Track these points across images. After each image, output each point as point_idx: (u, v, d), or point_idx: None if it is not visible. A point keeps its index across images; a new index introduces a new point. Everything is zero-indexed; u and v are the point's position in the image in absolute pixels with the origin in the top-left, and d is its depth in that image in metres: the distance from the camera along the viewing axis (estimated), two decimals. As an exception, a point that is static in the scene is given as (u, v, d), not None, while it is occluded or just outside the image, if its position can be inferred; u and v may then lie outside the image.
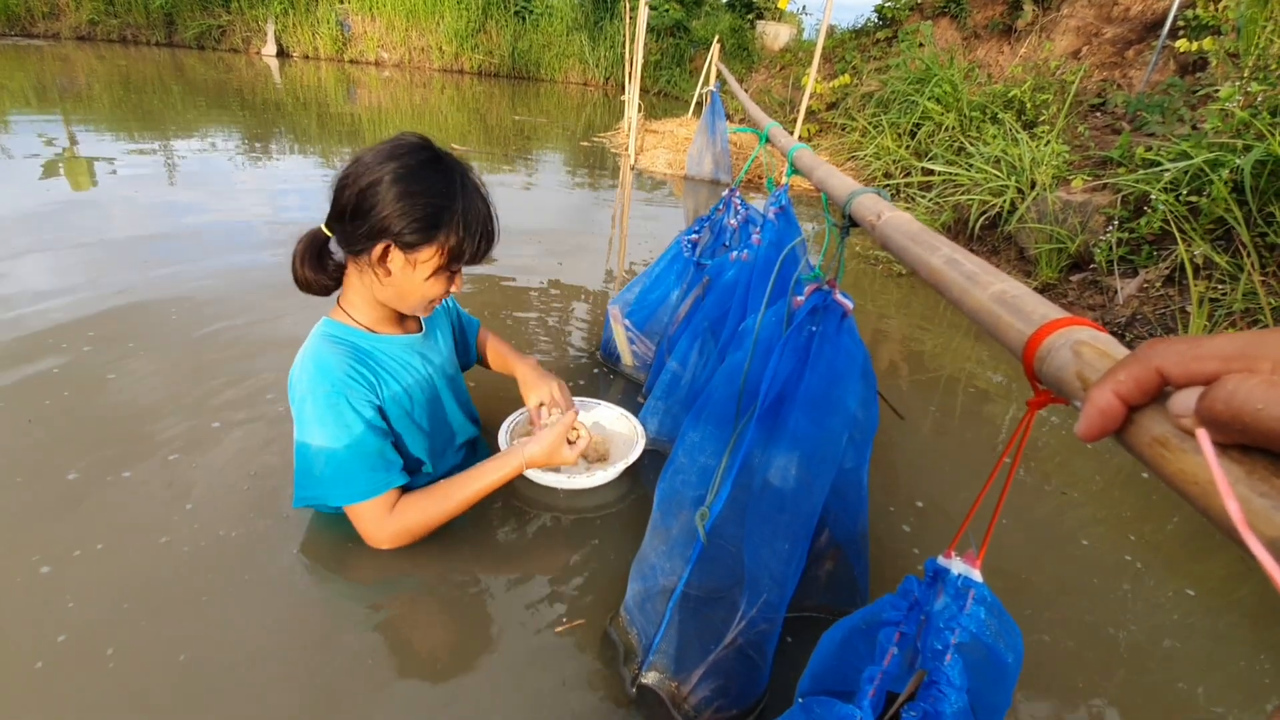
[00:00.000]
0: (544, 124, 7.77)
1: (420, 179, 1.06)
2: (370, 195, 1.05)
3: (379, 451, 1.15)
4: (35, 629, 1.07)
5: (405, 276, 1.12)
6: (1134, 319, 2.92)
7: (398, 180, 1.04)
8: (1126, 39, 5.71)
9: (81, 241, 2.70)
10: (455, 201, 1.09)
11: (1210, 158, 2.86)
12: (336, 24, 11.44)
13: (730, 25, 11.64)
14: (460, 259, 1.13)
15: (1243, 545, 0.25)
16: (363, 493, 1.14)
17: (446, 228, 1.08)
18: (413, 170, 1.06)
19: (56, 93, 6.18)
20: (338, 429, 1.11)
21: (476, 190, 1.13)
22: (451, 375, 1.41)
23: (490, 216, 1.15)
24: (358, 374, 1.15)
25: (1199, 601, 1.49)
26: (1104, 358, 0.41)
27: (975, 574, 0.64)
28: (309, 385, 1.12)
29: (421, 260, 1.10)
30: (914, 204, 4.56)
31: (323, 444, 1.11)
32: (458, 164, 1.13)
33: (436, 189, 1.07)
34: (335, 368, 1.13)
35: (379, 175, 1.05)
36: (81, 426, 1.57)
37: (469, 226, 1.10)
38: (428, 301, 1.18)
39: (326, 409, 1.11)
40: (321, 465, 1.12)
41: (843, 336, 0.96)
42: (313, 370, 1.12)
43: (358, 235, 1.08)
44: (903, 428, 2.04)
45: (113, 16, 10.60)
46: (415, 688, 1.06)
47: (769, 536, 0.95)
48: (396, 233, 1.06)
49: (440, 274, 1.13)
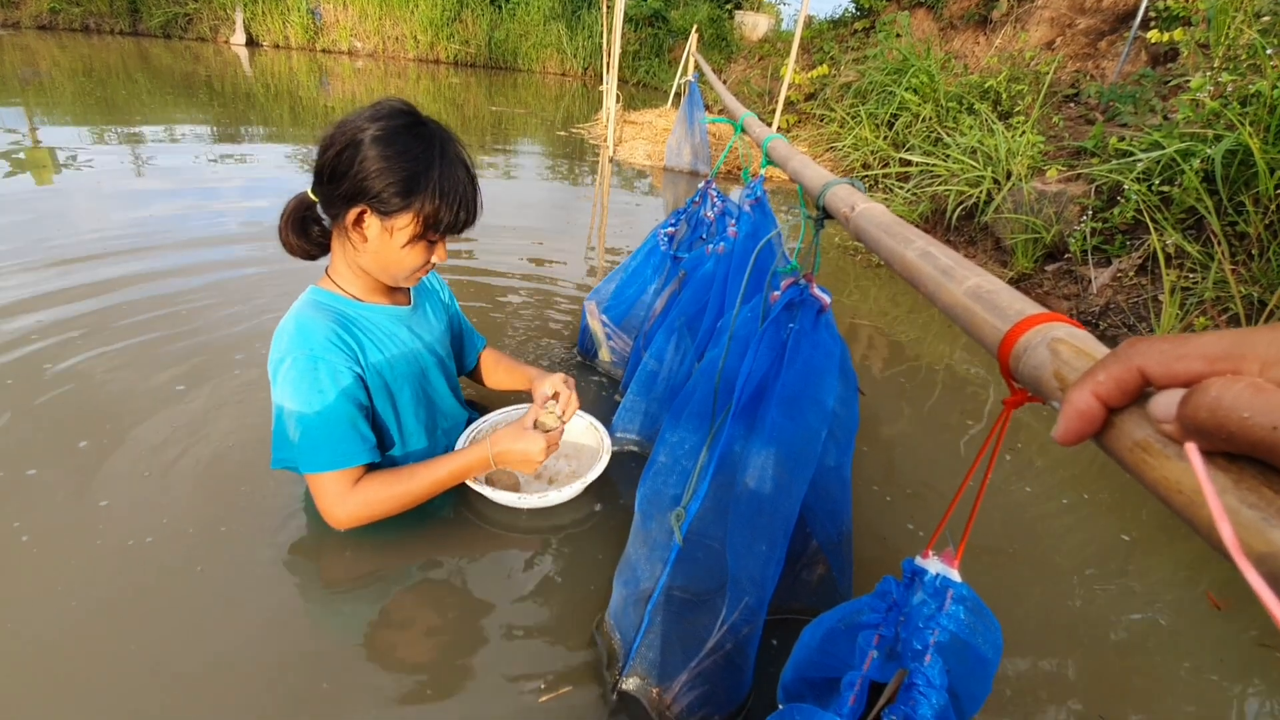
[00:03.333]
0: (522, 115, 7.68)
1: (398, 142, 1.04)
2: (348, 156, 1.03)
3: (350, 422, 1.12)
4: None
5: (382, 243, 1.10)
6: (1108, 308, 2.95)
7: (376, 142, 1.03)
8: (1099, 30, 5.76)
9: (45, 235, 2.61)
10: (433, 168, 1.06)
11: (1182, 148, 2.89)
12: (307, 12, 11.19)
13: (709, 15, 11.59)
14: (438, 228, 1.10)
15: (1233, 563, 0.23)
16: (327, 462, 1.11)
17: (423, 194, 1.06)
18: (392, 133, 1.04)
19: (17, 83, 5.98)
20: (311, 394, 1.09)
21: (458, 159, 1.11)
22: (441, 356, 1.38)
23: (471, 187, 1.13)
24: (340, 340, 1.13)
25: (1175, 593, 1.50)
26: (1082, 356, 0.39)
27: (953, 573, 0.63)
28: (288, 347, 1.10)
29: (398, 227, 1.08)
30: (892, 195, 4.57)
31: (295, 408, 1.09)
32: (440, 131, 1.10)
33: (414, 153, 1.05)
34: (317, 332, 1.11)
35: (359, 137, 1.03)
36: (49, 424, 1.52)
37: (446, 194, 1.08)
38: (409, 271, 1.16)
39: (303, 373, 1.09)
40: (293, 429, 1.10)
41: (820, 332, 0.94)
42: (293, 333, 1.11)
43: (336, 198, 1.07)
44: (886, 418, 2.05)
45: (75, 4, 10.27)
46: (395, 694, 1.04)
47: (748, 537, 0.94)
48: (373, 196, 1.04)
49: (417, 243, 1.11)
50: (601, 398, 1.93)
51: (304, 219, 1.17)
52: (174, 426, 1.57)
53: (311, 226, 1.19)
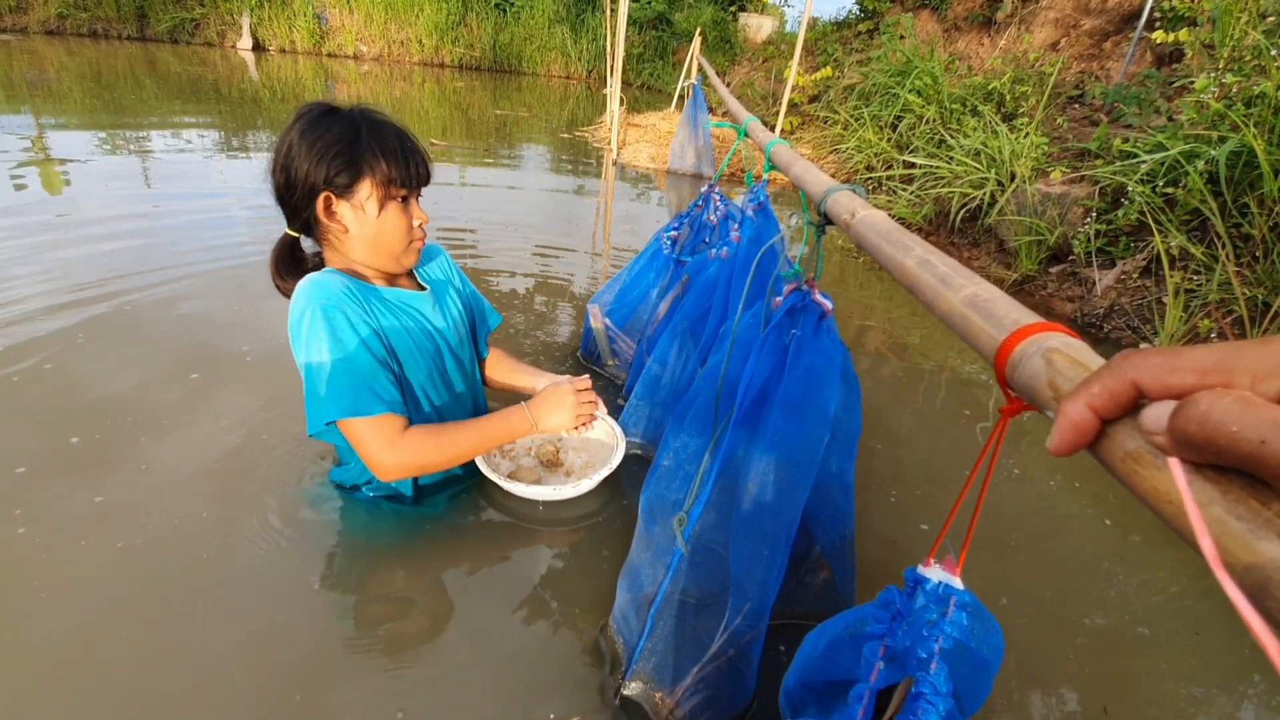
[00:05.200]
0: (526, 118, 7.70)
1: (320, 126, 1.12)
2: (289, 160, 1.11)
3: (371, 370, 1.14)
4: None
5: (360, 222, 1.15)
6: (1112, 310, 2.95)
7: (303, 136, 1.11)
8: (1104, 31, 5.75)
9: (56, 239, 2.64)
10: (360, 133, 1.13)
11: (1186, 149, 2.88)
12: (313, 17, 11.25)
13: (713, 18, 11.60)
14: (396, 182, 1.15)
15: (1216, 576, 0.24)
16: (351, 407, 1.11)
17: (367, 156, 1.12)
18: (312, 122, 1.12)
19: (25, 88, 6.03)
20: (333, 343, 1.11)
21: (378, 119, 1.17)
22: (455, 344, 1.39)
23: (404, 135, 1.18)
24: (353, 297, 1.16)
25: (1177, 588, 1.50)
26: (1076, 366, 0.40)
27: (956, 581, 0.63)
28: (306, 302, 1.12)
29: (363, 199, 1.14)
30: (895, 197, 4.57)
31: (320, 359, 1.11)
32: (356, 107, 1.18)
33: (339, 128, 1.12)
34: (331, 286, 1.14)
35: (288, 140, 1.12)
36: (44, 420, 1.53)
37: (387, 150, 1.14)
38: (402, 241, 1.20)
39: (324, 323, 1.11)
40: (320, 382, 1.12)
41: (822, 337, 0.94)
42: (309, 290, 1.13)
43: (299, 204, 1.13)
44: (892, 420, 2.04)
45: (82, 10, 10.36)
46: (398, 695, 1.04)
47: (751, 542, 0.94)
48: (326, 181, 1.11)
49: (389, 205, 1.16)
50: (605, 401, 1.93)
51: (292, 257, 1.23)
52: (176, 425, 1.59)
53: (302, 258, 1.25)
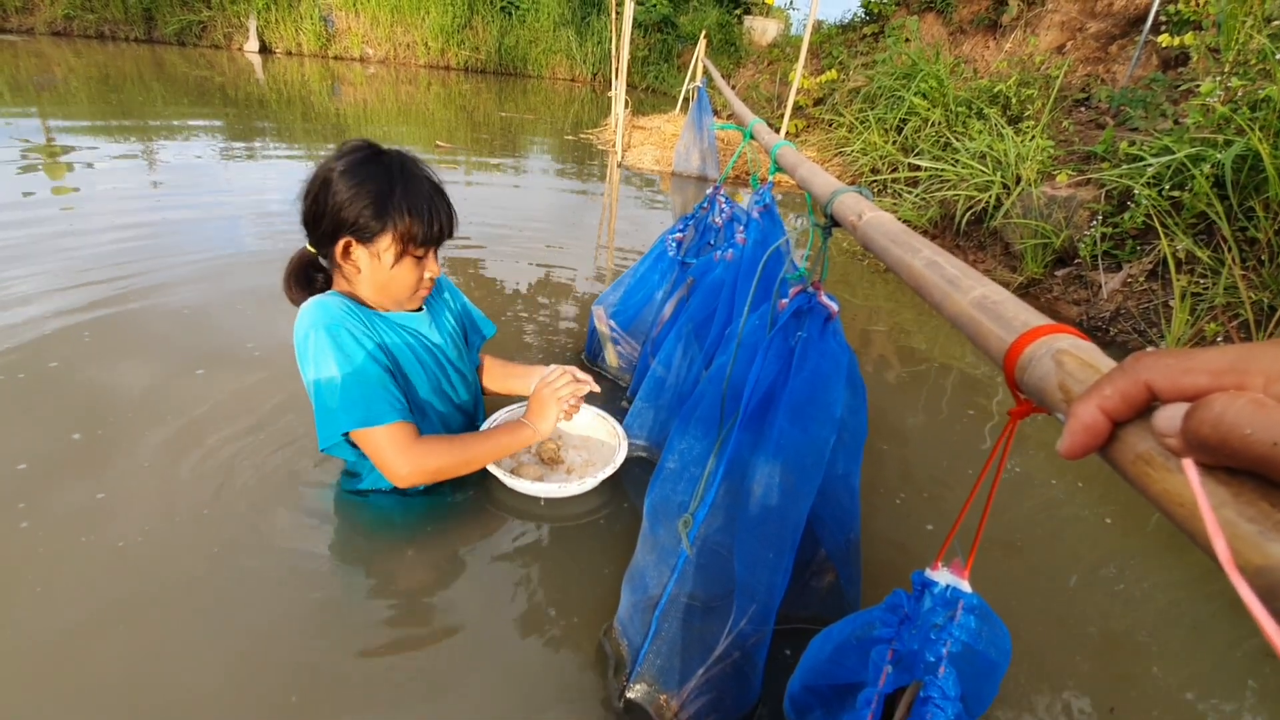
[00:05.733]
0: (531, 120, 7.72)
1: (360, 172, 1.13)
2: (323, 195, 1.13)
3: (380, 382, 1.17)
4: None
5: (374, 269, 1.18)
6: (1118, 313, 2.94)
7: (342, 176, 1.13)
8: (1110, 34, 5.74)
9: (62, 240, 2.65)
10: (396, 187, 1.14)
11: (1192, 152, 2.88)
12: (320, 19, 11.29)
13: (717, 20, 11.61)
14: (416, 242, 1.18)
15: (1230, 577, 0.24)
16: (363, 417, 1.15)
17: (394, 213, 1.14)
18: (354, 165, 1.14)
19: (32, 89, 6.07)
20: (340, 357, 1.14)
21: (416, 174, 1.19)
22: (455, 358, 1.42)
23: (438, 197, 1.20)
24: (355, 316, 1.19)
25: (1182, 591, 1.50)
26: (1086, 368, 0.39)
27: (964, 584, 0.63)
28: (310, 322, 1.16)
29: (382, 250, 1.16)
30: (900, 200, 4.57)
31: (329, 374, 1.14)
32: (399, 155, 1.19)
33: (376, 177, 1.14)
34: (333, 306, 1.17)
35: (328, 176, 1.14)
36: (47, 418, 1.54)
37: (415, 208, 1.15)
38: (408, 291, 1.23)
39: (328, 340, 1.14)
40: (330, 395, 1.15)
41: (828, 340, 0.94)
42: (314, 310, 1.17)
43: (322, 236, 1.16)
44: (899, 422, 2.04)
45: (89, 12, 10.41)
46: (401, 697, 1.04)
47: (756, 544, 0.94)
48: (350, 224, 1.13)
49: (405, 260, 1.18)
50: (610, 403, 1.94)
51: (307, 272, 1.27)
52: (180, 422, 1.59)
53: (315, 276, 1.28)
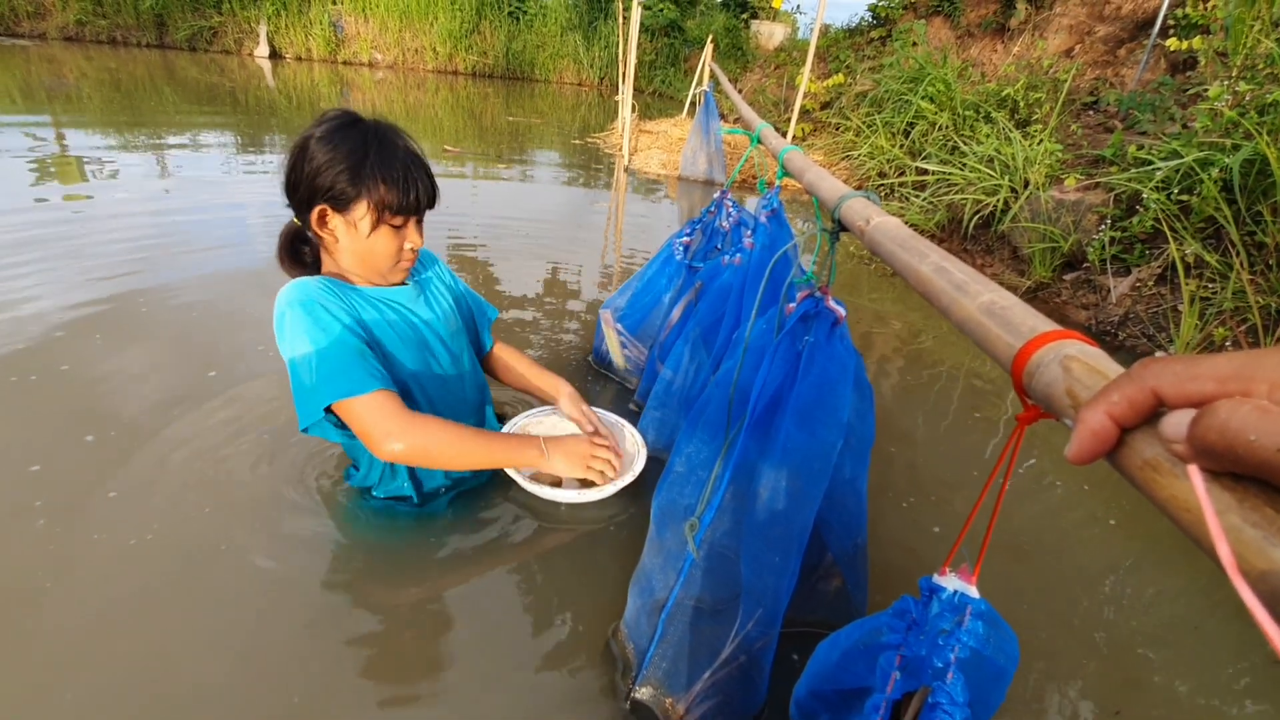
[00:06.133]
0: (538, 124, 7.74)
1: (335, 139, 1.12)
2: (300, 161, 1.13)
3: (358, 352, 1.14)
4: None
5: (351, 238, 1.17)
6: (1127, 318, 2.93)
7: (319, 141, 1.12)
8: (1118, 37, 5.72)
9: (74, 242, 2.68)
10: (370, 153, 1.13)
11: (1200, 157, 2.86)
12: (329, 25, 11.36)
13: (724, 25, 11.62)
14: (392, 210, 1.16)
15: (1233, 583, 0.24)
16: (345, 388, 1.11)
17: (369, 180, 1.13)
18: (331, 131, 1.13)
19: (44, 93, 6.13)
20: (316, 332, 1.12)
21: (393, 141, 1.17)
22: (447, 336, 1.38)
23: (415, 167, 1.18)
24: (333, 293, 1.18)
25: (1189, 597, 1.49)
26: (1094, 374, 0.40)
27: (971, 589, 0.63)
28: (287, 301, 1.14)
29: (357, 218, 1.15)
30: (908, 204, 4.56)
31: (305, 350, 1.12)
32: (377, 124, 1.18)
33: (352, 145, 1.13)
34: (311, 284, 1.16)
35: (305, 143, 1.13)
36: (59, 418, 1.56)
37: (389, 176, 1.14)
38: (388, 262, 1.22)
39: (304, 316, 1.13)
40: (308, 372, 1.12)
41: (834, 344, 0.95)
42: (290, 289, 1.16)
43: (300, 205, 1.15)
44: (907, 426, 2.04)
45: (101, 17, 10.50)
46: (407, 698, 1.05)
47: (763, 548, 0.95)
48: (325, 191, 1.12)
49: (380, 229, 1.17)
50: (617, 406, 1.94)
51: (294, 244, 1.26)
52: (192, 422, 1.61)
53: (303, 249, 1.27)
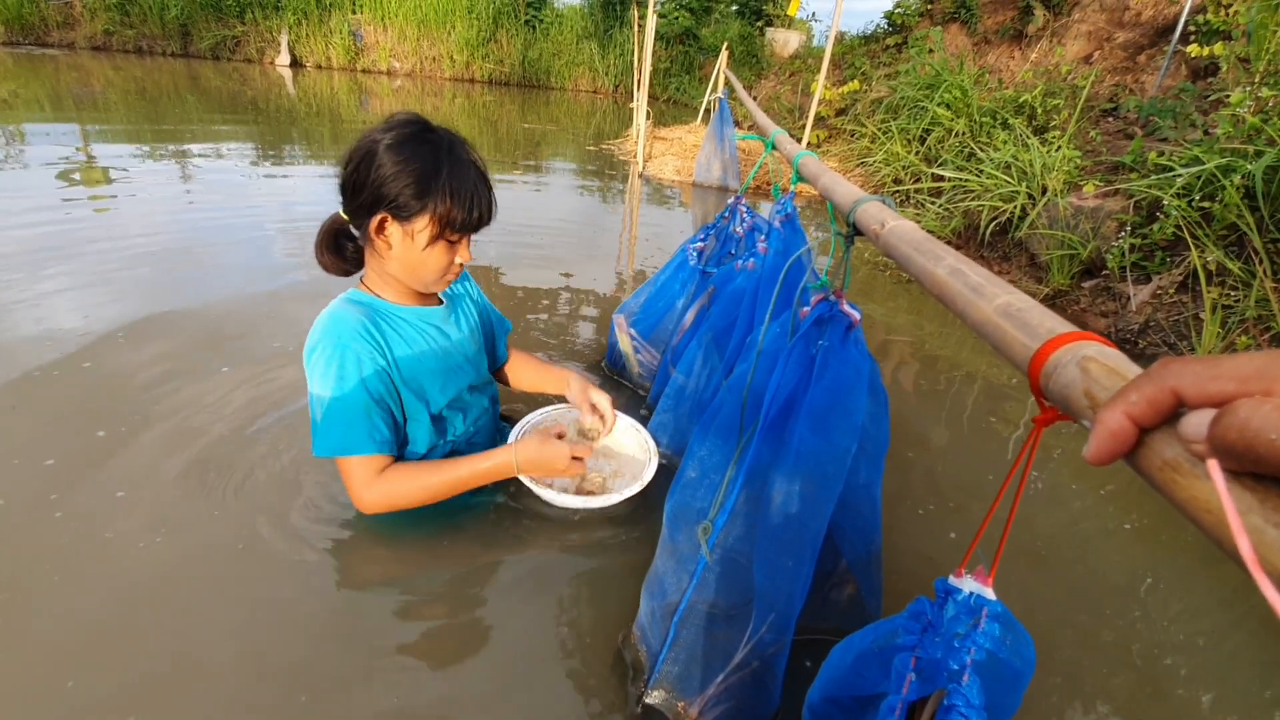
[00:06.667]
0: (553, 131, 7.79)
1: (408, 149, 1.11)
2: (365, 166, 1.11)
3: (365, 411, 1.17)
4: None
5: (405, 248, 1.16)
6: (1147, 326, 2.89)
7: (388, 150, 1.10)
8: (1138, 44, 5.67)
9: (98, 244, 2.74)
10: (442, 169, 1.12)
11: (1222, 163, 2.83)
12: (349, 34, 11.53)
13: (739, 32, 11.64)
14: (454, 227, 1.15)
15: (1255, 579, 0.24)
16: (337, 446, 1.16)
17: (435, 195, 1.12)
18: (402, 141, 1.11)
19: (72, 101, 6.26)
20: (335, 381, 1.15)
21: (465, 159, 1.16)
22: (471, 356, 1.41)
23: (482, 186, 1.18)
24: (367, 333, 1.18)
25: (1210, 602, 1.46)
26: (1112, 375, 0.39)
27: (988, 591, 0.63)
28: (319, 338, 1.17)
29: (417, 230, 1.14)
30: (924, 210, 4.53)
31: (320, 393, 1.15)
32: (447, 136, 1.17)
33: (423, 157, 1.12)
34: (346, 323, 1.17)
35: (373, 148, 1.11)
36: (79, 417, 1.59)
37: (457, 194, 1.13)
38: (436, 274, 1.21)
39: (328, 361, 1.15)
40: (319, 414, 1.16)
41: (849, 348, 0.94)
42: (326, 324, 1.17)
43: (359, 208, 1.14)
44: (924, 432, 2.02)
45: (128, 27, 10.73)
46: (417, 700, 1.05)
47: (776, 552, 0.94)
48: (390, 201, 1.11)
49: (437, 243, 1.16)
50: (629, 410, 1.94)
51: (337, 238, 1.25)
52: (205, 420, 1.64)
53: (345, 244, 1.26)
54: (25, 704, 0.98)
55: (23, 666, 1.03)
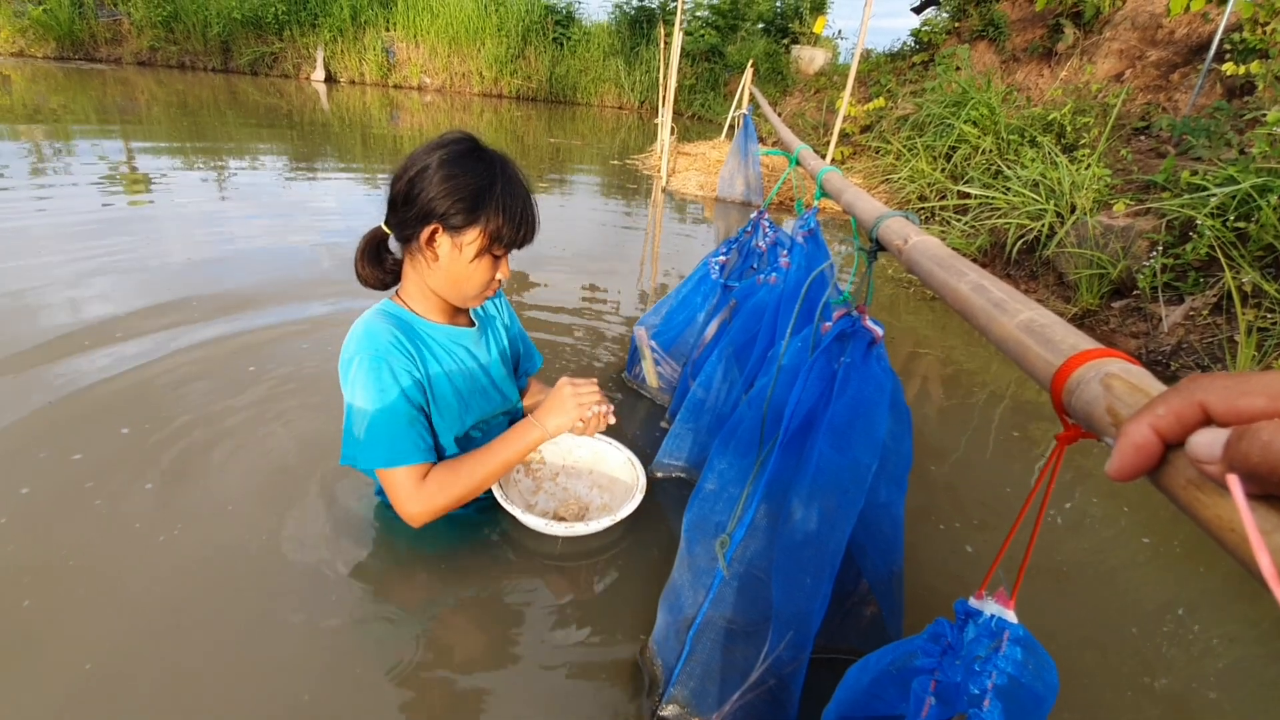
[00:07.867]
0: (579, 146, 7.88)
1: (462, 164, 1.14)
2: (419, 181, 1.13)
3: (409, 421, 1.18)
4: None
5: (452, 260, 1.18)
6: (1179, 348, 2.82)
7: (442, 165, 1.13)
8: (1171, 62, 5.59)
9: (138, 253, 2.82)
10: (495, 185, 1.15)
11: (1258, 183, 2.77)
12: (382, 51, 11.83)
13: (765, 50, 11.71)
14: (502, 241, 1.18)
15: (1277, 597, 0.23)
16: (384, 458, 1.17)
17: (488, 210, 1.14)
18: (456, 157, 1.14)
19: (117, 114, 6.48)
20: (376, 392, 1.16)
21: (515, 177, 1.20)
22: (501, 378, 1.43)
23: (529, 203, 1.21)
24: (401, 346, 1.20)
25: (1248, 646, 1.41)
26: (1136, 392, 0.39)
27: (1009, 614, 0.62)
28: (356, 349, 1.18)
29: (466, 243, 1.16)
30: (949, 227, 4.49)
31: (362, 406, 1.16)
32: (499, 155, 1.20)
33: (478, 172, 1.14)
34: (382, 335, 1.19)
35: (426, 163, 1.13)
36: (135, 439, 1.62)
37: (508, 210, 1.16)
38: (478, 288, 1.23)
39: (368, 372, 1.16)
40: (359, 427, 1.17)
41: (871, 364, 0.94)
42: (361, 335, 1.19)
43: (409, 220, 1.16)
44: (948, 449, 1.99)
45: (172, 43, 11.14)
46: (430, 712, 1.05)
47: (794, 569, 0.93)
48: (442, 214, 1.13)
49: (484, 257, 1.19)
50: (649, 423, 1.95)
51: (378, 251, 1.27)
52: (240, 428, 1.66)
53: (385, 256, 1.28)
54: (32, 693, 1.00)
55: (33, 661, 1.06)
